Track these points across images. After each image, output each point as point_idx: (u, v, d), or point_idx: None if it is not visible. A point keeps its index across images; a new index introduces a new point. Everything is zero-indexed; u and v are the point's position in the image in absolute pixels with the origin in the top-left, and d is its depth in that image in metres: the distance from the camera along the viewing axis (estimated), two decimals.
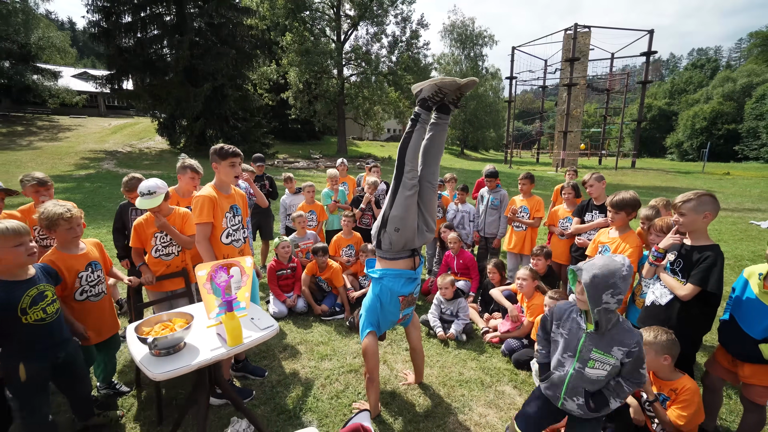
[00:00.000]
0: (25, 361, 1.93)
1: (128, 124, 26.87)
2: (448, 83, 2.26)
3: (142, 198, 2.76)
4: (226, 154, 2.57)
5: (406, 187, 2.32)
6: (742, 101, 37.54)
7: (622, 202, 2.91)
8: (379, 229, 2.46)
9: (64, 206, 2.26)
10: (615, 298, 1.71)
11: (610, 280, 1.69)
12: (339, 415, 2.59)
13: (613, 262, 1.74)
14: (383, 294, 2.48)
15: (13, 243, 1.84)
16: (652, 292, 2.49)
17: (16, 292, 1.89)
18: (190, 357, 1.78)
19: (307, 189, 5.07)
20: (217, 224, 2.60)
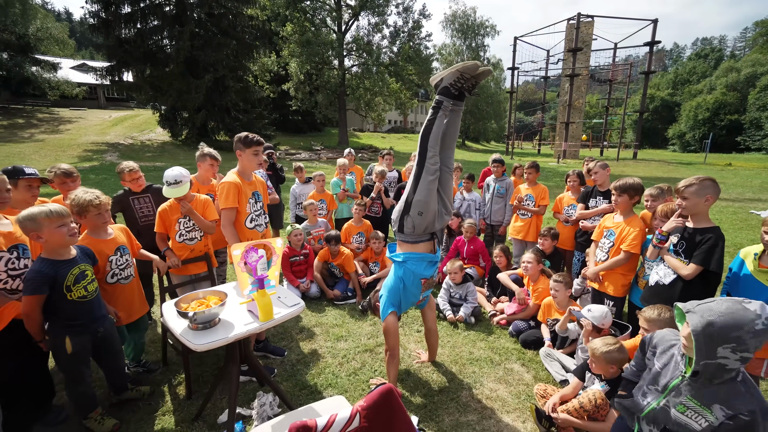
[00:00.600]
0: (70, 335, 2.09)
1: (129, 116, 26.81)
2: (470, 67, 2.31)
3: (169, 187, 2.87)
4: (250, 143, 2.68)
5: (429, 172, 2.43)
6: (745, 92, 37.37)
7: (625, 186, 3.02)
8: (402, 214, 2.56)
9: (93, 193, 2.38)
10: (737, 354, 1.37)
11: (732, 333, 1.36)
12: (358, 390, 2.74)
13: (743, 310, 1.38)
14: (406, 276, 2.59)
15: (57, 224, 1.99)
16: (655, 273, 2.62)
17: (62, 271, 2.04)
18: (225, 331, 1.91)
19: (317, 178, 5.18)
20: (242, 209, 2.72)
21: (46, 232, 1.97)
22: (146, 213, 3.44)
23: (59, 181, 2.92)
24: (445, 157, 2.55)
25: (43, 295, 1.98)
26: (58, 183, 2.93)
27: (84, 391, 2.24)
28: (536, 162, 4.77)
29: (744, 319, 1.36)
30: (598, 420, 2.26)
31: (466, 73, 2.33)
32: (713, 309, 1.41)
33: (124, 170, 3.27)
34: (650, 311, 2.39)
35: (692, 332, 1.42)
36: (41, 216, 1.94)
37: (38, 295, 1.97)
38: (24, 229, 1.96)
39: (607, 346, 2.32)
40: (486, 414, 2.55)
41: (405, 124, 49.70)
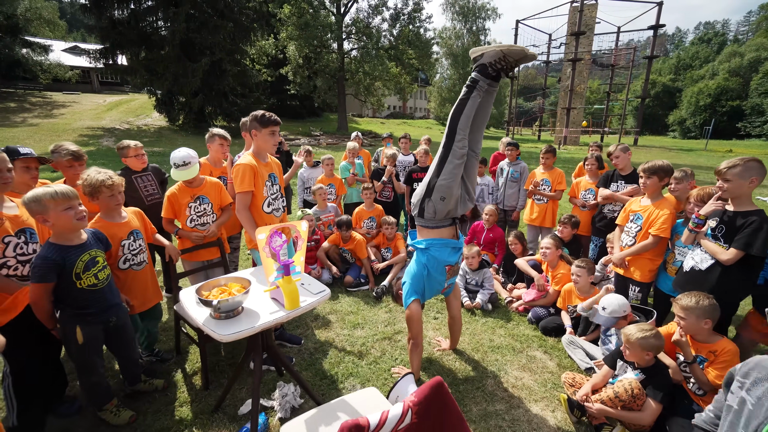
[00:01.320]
0: (81, 324, 1.98)
1: (124, 100, 26.24)
2: (516, 51, 2.15)
3: (178, 169, 2.74)
4: (267, 122, 2.52)
5: (456, 155, 2.29)
6: (748, 77, 36.98)
7: (654, 167, 2.90)
8: (423, 198, 2.44)
9: (106, 173, 2.24)
10: None
11: None
12: (380, 379, 2.66)
13: None
14: (430, 263, 2.49)
15: (64, 206, 1.86)
16: (691, 258, 2.52)
17: (71, 257, 1.92)
18: (250, 320, 1.80)
19: (326, 162, 5.02)
20: (258, 193, 2.58)
21: (52, 215, 1.84)
22: (151, 191, 3.31)
23: (66, 164, 2.73)
24: (474, 141, 2.42)
25: (50, 283, 1.87)
26: (65, 165, 2.74)
27: (97, 382, 2.14)
28: (553, 146, 4.64)
29: None
30: (634, 409, 2.19)
31: (510, 56, 2.16)
32: None
33: (129, 146, 3.13)
34: (687, 299, 2.30)
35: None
36: (46, 197, 1.82)
37: (45, 284, 1.86)
38: (30, 211, 1.86)
39: (642, 332, 2.23)
40: (514, 403, 2.48)
41: (404, 110, 49.10)
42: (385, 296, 3.96)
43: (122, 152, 3.20)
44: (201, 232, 2.89)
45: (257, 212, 2.62)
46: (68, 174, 2.69)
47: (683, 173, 3.20)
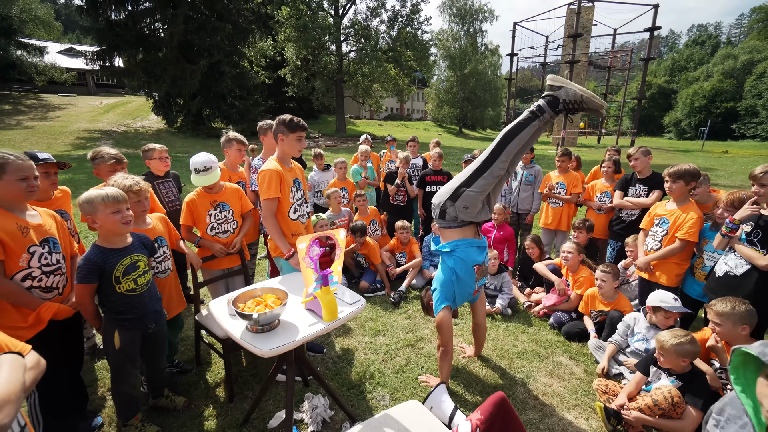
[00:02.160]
0: (119, 329, 1.94)
1: (120, 102, 26.03)
2: (594, 102, 2.08)
3: (198, 175, 2.67)
4: (295, 127, 2.46)
5: (493, 174, 2.29)
6: (742, 79, 37.40)
7: (680, 172, 2.87)
8: (446, 200, 2.41)
9: (133, 178, 2.20)
10: None
11: None
12: (408, 389, 2.60)
13: None
14: (458, 265, 2.46)
15: (112, 209, 1.86)
16: (725, 263, 2.50)
17: (112, 260, 1.90)
18: (289, 333, 1.74)
19: (339, 165, 4.96)
20: (284, 199, 2.52)
21: (100, 217, 1.85)
22: (172, 198, 3.27)
23: (109, 168, 2.65)
24: (513, 163, 2.42)
25: (92, 284, 1.87)
26: (108, 170, 2.65)
27: (127, 392, 2.08)
28: (568, 149, 4.61)
29: None
30: (673, 418, 2.15)
31: (586, 103, 2.11)
32: None
33: (154, 148, 3.09)
34: (722, 304, 2.27)
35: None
36: (98, 200, 1.83)
37: (88, 284, 1.85)
38: (82, 211, 1.86)
39: (677, 338, 2.20)
40: (546, 411, 2.44)
41: (401, 112, 49.19)
42: (403, 302, 3.91)
43: (147, 155, 3.17)
44: (223, 242, 2.82)
45: (283, 219, 2.56)
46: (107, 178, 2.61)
47: (702, 177, 3.19)
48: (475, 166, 2.33)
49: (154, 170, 3.19)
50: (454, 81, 37.14)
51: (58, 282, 2.00)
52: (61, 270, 2.01)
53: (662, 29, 26.42)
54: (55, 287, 1.97)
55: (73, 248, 2.29)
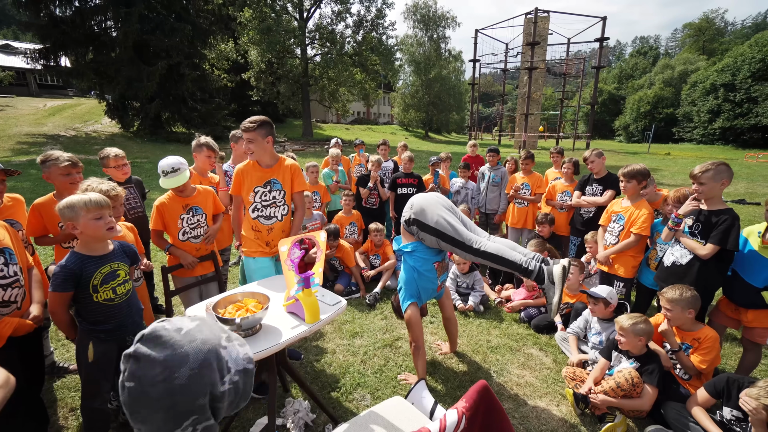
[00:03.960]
0: (94, 341, 1.85)
1: (68, 105, 24.31)
2: (550, 308, 2.26)
3: (167, 177, 2.59)
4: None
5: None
6: (679, 87, 40.75)
7: (633, 172, 3.13)
8: (414, 219, 2.50)
9: (109, 183, 2.11)
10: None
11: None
12: (389, 387, 2.64)
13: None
14: (418, 263, 2.58)
15: (94, 215, 1.78)
16: (671, 254, 2.74)
17: (90, 268, 1.81)
18: (272, 336, 1.73)
19: (310, 170, 4.94)
20: (244, 197, 2.64)
21: (82, 223, 1.76)
22: (134, 204, 3.12)
23: (63, 172, 2.43)
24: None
25: (67, 293, 1.77)
26: (62, 174, 2.43)
27: (98, 408, 1.96)
28: (531, 152, 4.86)
29: None
30: (633, 397, 2.34)
31: (548, 302, 2.28)
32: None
33: (109, 155, 2.91)
34: (672, 291, 2.49)
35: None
36: (80, 204, 1.75)
37: (63, 293, 1.76)
38: (62, 217, 1.77)
39: (633, 319, 2.42)
40: (520, 401, 2.56)
41: (368, 116, 49.35)
42: (378, 303, 3.94)
43: (103, 162, 2.99)
44: (195, 247, 2.74)
45: (244, 214, 2.69)
46: (64, 184, 2.43)
47: (649, 178, 3.49)
48: (457, 237, 2.39)
49: (114, 178, 3.04)
50: (420, 85, 37.80)
51: (16, 295, 1.87)
52: (18, 282, 1.89)
53: (610, 40, 28.32)
54: (13, 301, 1.85)
55: (29, 259, 2.15)
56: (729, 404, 2.14)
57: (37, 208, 2.34)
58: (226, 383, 0.72)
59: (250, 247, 2.69)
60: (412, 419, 1.68)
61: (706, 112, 34.00)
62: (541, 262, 2.27)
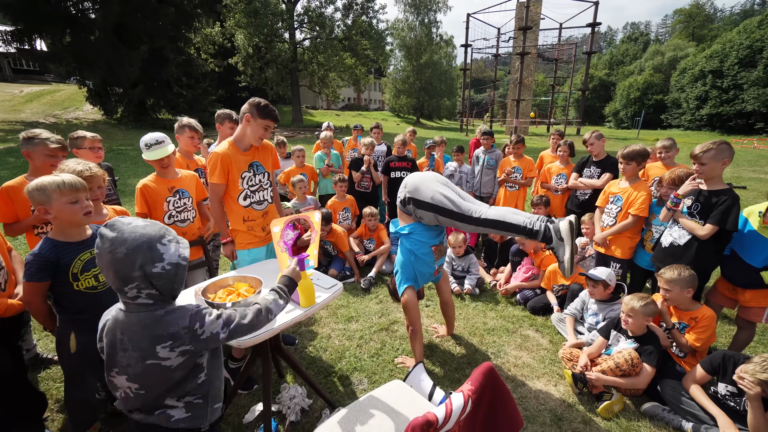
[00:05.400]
0: (76, 331, 1.74)
1: (46, 91, 23.41)
2: (563, 267, 2.13)
3: (150, 150, 2.45)
4: (265, 114, 2.29)
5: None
6: (668, 73, 40.97)
7: (632, 153, 3.09)
8: (409, 198, 2.41)
9: (86, 164, 1.96)
10: None
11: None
12: (386, 371, 2.61)
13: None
14: (415, 247, 2.51)
15: (69, 199, 1.64)
16: (669, 234, 2.72)
17: (68, 255, 1.68)
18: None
19: (296, 153, 4.83)
20: (232, 185, 2.42)
21: (56, 207, 1.63)
22: (107, 192, 2.93)
23: (49, 153, 2.26)
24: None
25: (43, 282, 1.65)
26: (46, 155, 2.27)
27: (83, 399, 1.88)
28: (522, 136, 4.79)
29: None
30: (632, 376, 2.34)
31: (560, 262, 2.17)
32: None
33: (85, 137, 2.71)
34: (670, 272, 2.48)
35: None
36: (52, 187, 1.61)
37: (37, 282, 1.64)
38: (32, 201, 1.64)
39: (643, 300, 2.39)
40: (518, 382, 2.55)
41: (359, 101, 48.78)
42: (373, 287, 3.90)
43: (75, 143, 2.76)
44: (180, 232, 2.62)
45: (233, 205, 2.46)
46: (44, 166, 2.28)
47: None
48: (455, 208, 2.29)
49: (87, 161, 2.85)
50: (411, 71, 37.34)
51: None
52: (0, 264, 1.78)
53: (602, 25, 28.17)
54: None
55: (7, 242, 2.03)
56: (724, 380, 2.15)
57: (6, 192, 2.18)
58: (158, 267, 1.09)
59: (243, 239, 2.54)
60: (412, 402, 1.64)
61: (694, 98, 34.30)
62: (546, 221, 2.17)
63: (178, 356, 1.14)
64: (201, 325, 1.15)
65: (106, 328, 1.19)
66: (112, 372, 1.17)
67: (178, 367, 1.16)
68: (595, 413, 2.29)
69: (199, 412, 1.25)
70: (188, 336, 1.13)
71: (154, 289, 1.11)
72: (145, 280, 1.09)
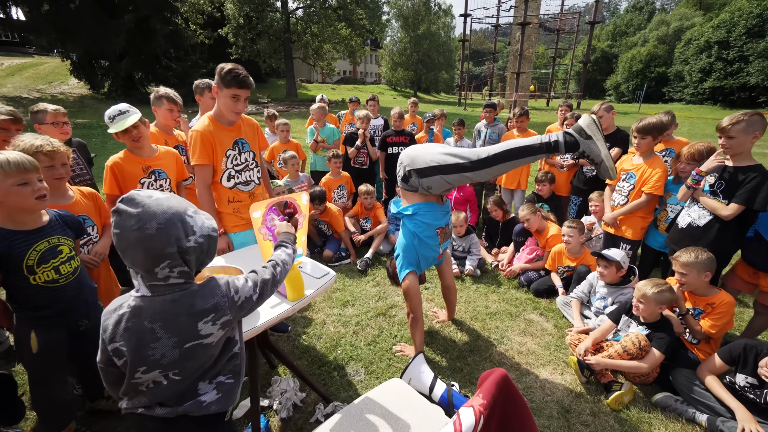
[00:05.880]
0: (36, 329, 1.56)
1: (29, 64, 22.45)
2: (607, 173, 1.84)
3: (114, 122, 2.18)
4: (230, 81, 2.01)
5: (475, 178, 2.09)
6: (673, 45, 39.77)
7: (648, 126, 2.85)
8: (413, 170, 2.19)
9: (45, 138, 1.72)
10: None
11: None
12: (384, 360, 2.47)
13: None
14: (419, 229, 2.31)
15: (16, 180, 1.43)
16: (688, 215, 2.53)
17: (20, 245, 1.48)
18: (251, 318, 1.47)
19: (281, 128, 4.54)
20: (216, 165, 2.18)
21: (1, 190, 1.41)
22: (78, 172, 2.68)
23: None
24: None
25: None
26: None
27: (53, 400, 1.72)
28: (526, 109, 4.51)
29: None
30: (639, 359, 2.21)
31: (598, 167, 1.86)
32: None
33: (46, 110, 2.39)
34: (686, 255, 2.31)
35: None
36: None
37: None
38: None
39: (657, 287, 2.23)
40: (523, 370, 2.43)
41: (355, 75, 47.46)
42: (370, 269, 3.73)
43: (37, 118, 2.44)
44: None
45: (215, 186, 2.24)
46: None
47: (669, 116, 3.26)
48: (460, 159, 2.05)
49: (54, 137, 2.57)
50: (408, 42, 36.06)
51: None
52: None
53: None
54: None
55: None
56: (744, 371, 2.02)
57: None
58: (191, 241, 0.98)
59: (229, 222, 2.34)
60: (413, 405, 1.48)
61: (697, 71, 33.48)
62: (563, 134, 1.89)
63: (220, 329, 1.04)
64: (236, 291, 1.09)
65: (122, 324, 0.98)
66: (138, 372, 0.99)
67: (218, 342, 1.06)
68: (604, 404, 2.17)
69: (230, 392, 1.13)
70: (228, 304, 1.05)
71: (186, 265, 1.00)
72: (179, 256, 0.98)
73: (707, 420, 2.01)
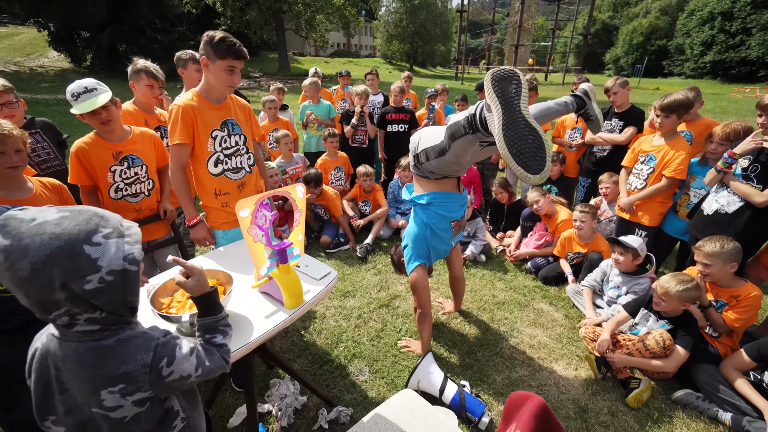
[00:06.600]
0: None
1: (3, 34, 21.30)
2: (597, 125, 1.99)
3: (78, 102, 1.88)
4: (224, 51, 1.75)
5: (481, 133, 1.76)
6: (675, 16, 38.71)
7: (675, 104, 2.61)
8: (422, 152, 1.96)
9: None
10: None
11: None
12: (388, 357, 2.33)
13: None
14: (433, 220, 2.11)
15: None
16: (715, 201, 2.36)
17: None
18: (240, 331, 1.28)
19: (268, 105, 4.23)
20: (200, 147, 1.92)
21: None
22: (44, 157, 2.38)
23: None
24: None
25: None
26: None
27: (22, 418, 1.55)
28: (535, 83, 4.23)
29: None
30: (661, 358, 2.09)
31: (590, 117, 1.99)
32: None
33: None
34: (710, 245, 2.15)
35: None
36: None
37: None
38: None
39: (683, 284, 2.07)
40: (535, 366, 2.30)
41: (349, 47, 45.90)
42: (370, 255, 3.56)
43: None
44: (135, 207, 2.15)
45: (200, 173, 1.99)
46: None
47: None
48: (473, 116, 1.79)
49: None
50: (404, 13, 34.72)
51: None
52: None
53: None
54: None
55: None
56: None
57: None
58: (91, 282, 0.72)
59: (217, 218, 2.11)
60: (428, 421, 1.33)
61: (699, 44, 32.76)
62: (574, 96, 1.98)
63: (133, 406, 0.80)
64: (169, 363, 0.83)
65: (34, 360, 0.82)
66: (47, 420, 0.83)
67: (134, 419, 0.82)
68: (621, 402, 2.06)
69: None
70: (147, 377, 0.80)
71: (97, 310, 0.75)
72: (77, 301, 0.72)
73: (732, 419, 1.91)
